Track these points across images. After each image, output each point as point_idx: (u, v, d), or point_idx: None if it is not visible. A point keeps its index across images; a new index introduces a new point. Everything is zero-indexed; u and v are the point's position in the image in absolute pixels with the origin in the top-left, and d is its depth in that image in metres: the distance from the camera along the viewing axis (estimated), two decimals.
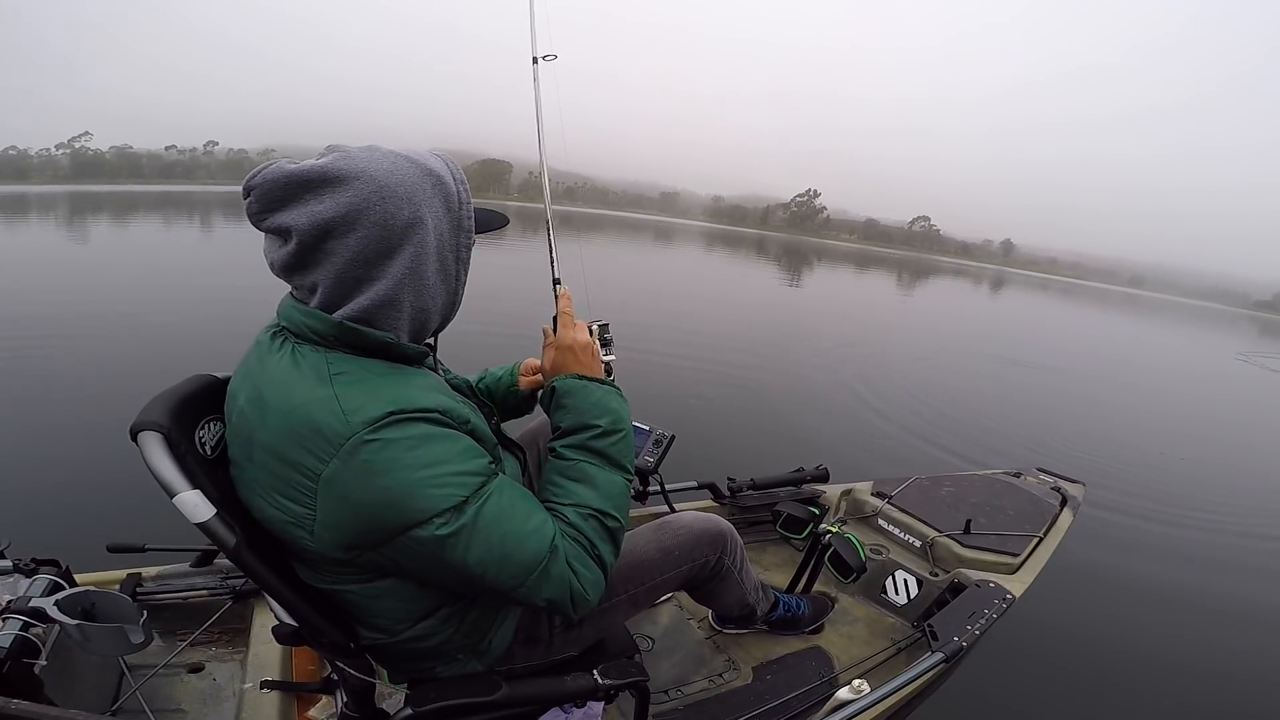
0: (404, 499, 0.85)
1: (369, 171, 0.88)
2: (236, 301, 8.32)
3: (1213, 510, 4.85)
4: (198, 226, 22.99)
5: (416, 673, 1.12)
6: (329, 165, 0.88)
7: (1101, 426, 7.13)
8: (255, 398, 0.91)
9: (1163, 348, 20.21)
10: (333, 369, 0.89)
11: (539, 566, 0.94)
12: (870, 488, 2.72)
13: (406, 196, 0.91)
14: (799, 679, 1.90)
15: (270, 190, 0.88)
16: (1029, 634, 2.68)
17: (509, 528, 0.92)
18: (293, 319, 0.93)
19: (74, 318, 7.28)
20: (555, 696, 1.18)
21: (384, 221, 0.89)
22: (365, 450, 0.84)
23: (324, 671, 1.58)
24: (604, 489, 1.05)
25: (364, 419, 0.85)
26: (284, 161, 0.89)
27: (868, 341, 11.14)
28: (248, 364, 0.98)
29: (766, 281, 21.49)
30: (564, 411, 1.12)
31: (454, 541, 0.88)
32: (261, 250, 0.95)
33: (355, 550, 0.90)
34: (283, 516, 0.89)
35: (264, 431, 0.89)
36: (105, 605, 1.28)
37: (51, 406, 4.50)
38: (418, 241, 0.93)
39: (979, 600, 1.98)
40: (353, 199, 0.87)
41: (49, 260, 12.46)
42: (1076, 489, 2.87)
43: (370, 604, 0.99)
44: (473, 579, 0.92)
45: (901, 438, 5.74)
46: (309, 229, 0.87)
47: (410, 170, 0.92)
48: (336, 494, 0.85)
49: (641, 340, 7.91)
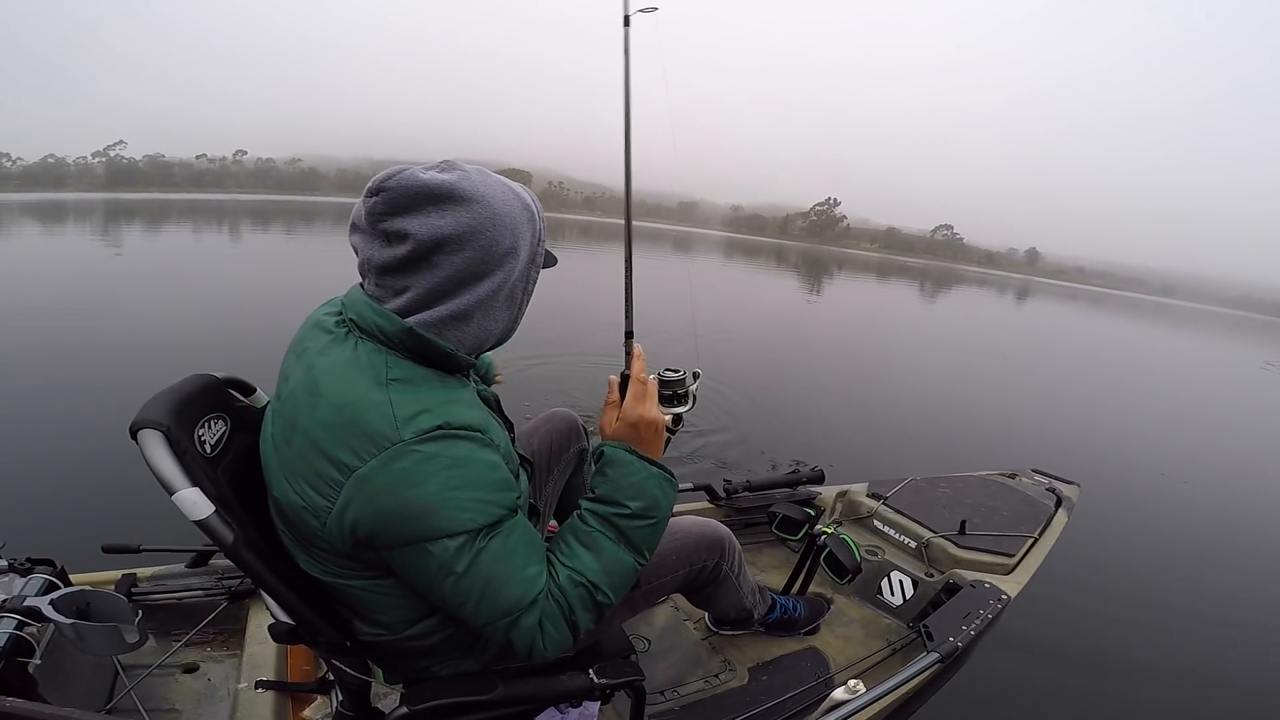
0: (427, 513, 0.87)
1: (487, 197, 0.93)
2: (239, 311, 8.33)
3: (1210, 523, 4.86)
4: (220, 233, 23.15)
5: (413, 671, 1.12)
6: (456, 183, 0.91)
7: (1106, 432, 7.13)
8: (310, 384, 0.93)
9: (1188, 356, 19.76)
10: (390, 373, 0.91)
11: (514, 614, 0.94)
12: (866, 489, 2.72)
13: (511, 227, 0.96)
14: (795, 680, 1.90)
15: (401, 196, 0.90)
16: (1024, 634, 2.69)
17: (503, 569, 0.93)
18: (363, 315, 0.95)
19: (73, 316, 7.27)
20: (551, 696, 1.18)
21: (489, 246, 0.93)
22: (407, 458, 0.86)
23: (319, 671, 1.58)
24: (608, 564, 1.02)
25: (415, 429, 0.87)
26: (416, 170, 0.92)
27: (887, 348, 11.14)
28: (304, 346, 1.00)
29: (781, 290, 21.40)
30: (603, 480, 1.08)
31: (452, 565, 0.90)
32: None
33: (361, 548, 0.91)
34: (300, 502, 0.91)
35: (310, 419, 0.90)
36: (100, 605, 1.28)
37: (48, 406, 4.49)
38: (507, 270, 0.97)
39: (974, 601, 1.98)
40: (470, 220, 0.91)
41: (62, 263, 12.50)
42: (1071, 490, 2.88)
43: (373, 600, 1.00)
44: (449, 603, 0.94)
45: (898, 438, 5.76)
46: (427, 239, 0.90)
47: (515, 202, 0.97)
48: (365, 493, 0.87)
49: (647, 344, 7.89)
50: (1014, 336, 17.26)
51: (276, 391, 1.02)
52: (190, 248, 18.03)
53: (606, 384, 1.16)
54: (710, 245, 52.99)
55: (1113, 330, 26.07)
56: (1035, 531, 2.42)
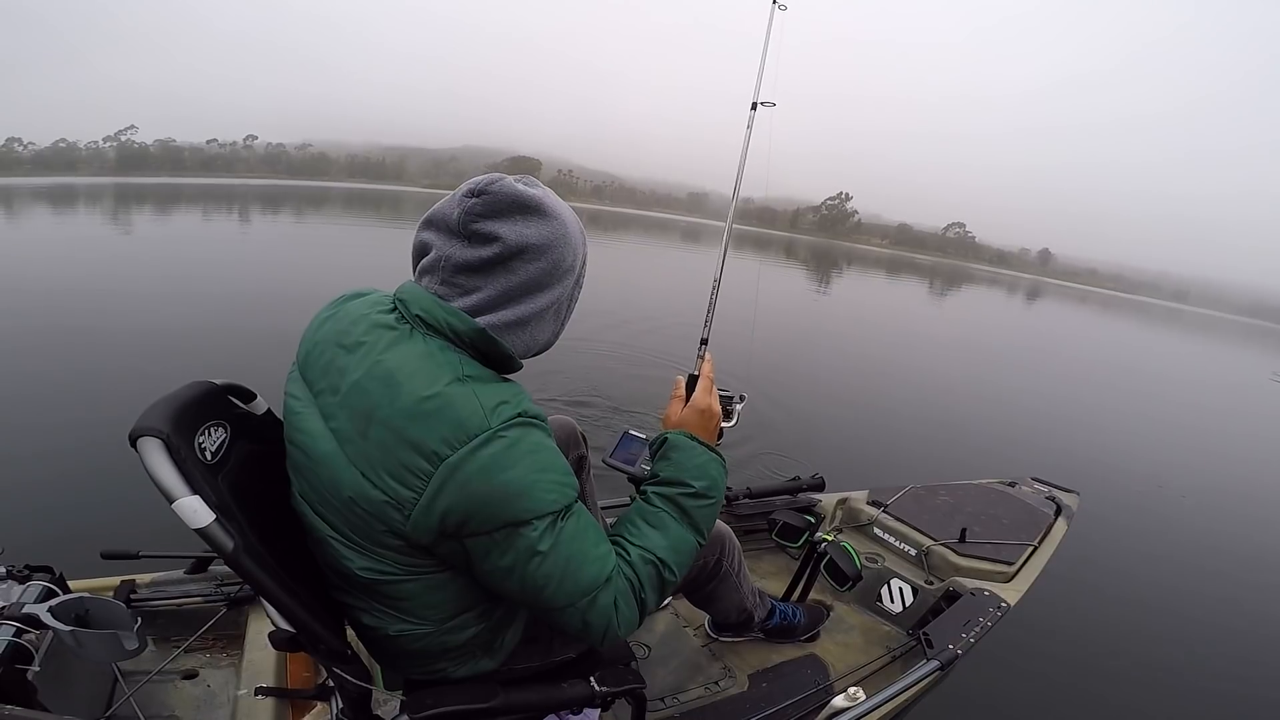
0: (519, 495, 0.90)
1: (563, 215, 1.02)
2: (246, 310, 8.33)
3: (1210, 532, 4.86)
4: (229, 220, 23.25)
5: (428, 673, 1.12)
6: (543, 199, 1.00)
7: (1106, 440, 7.12)
8: (384, 376, 0.94)
9: (1196, 364, 19.71)
10: (465, 370, 0.95)
11: (592, 592, 0.98)
12: (866, 496, 2.72)
13: (575, 246, 1.05)
14: (795, 687, 1.90)
15: (499, 201, 0.97)
16: (1023, 642, 2.68)
17: (580, 548, 0.97)
18: (432, 312, 0.98)
19: (74, 315, 7.27)
20: (552, 703, 1.17)
21: (558, 260, 1.01)
22: (496, 444, 0.89)
23: (319, 678, 1.58)
24: (674, 542, 1.08)
25: (501, 417, 0.91)
26: (512, 180, 1.00)
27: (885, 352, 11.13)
28: (358, 341, 1.00)
29: (786, 285, 21.22)
30: (667, 463, 1.18)
31: (539, 545, 0.92)
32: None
33: (446, 538, 0.93)
34: (380, 496, 0.91)
35: (391, 409, 0.91)
36: (99, 611, 1.28)
37: (46, 412, 4.49)
38: (565, 285, 1.05)
39: (974, 609, 1.98)
40: (550, 233, 1.00)
41: (63, 258, 12.43)
42: (1071, 499, 2.88)
43: (423, 595, 1.01)
44: (529, 588, 0.95)
45: (899, 446, 5.76)
46: (515, 244, 0.97)
47: (576, 225, 1.06)
48: (457, 480, 0.88)
49: (646, 344, 7.92)
50: (1021, 340, 17.28)
51: (309, 390, 1.03)
52: (199, 236, 18.03)
53: (670, 382, 1.33)
54: (719, 237, 52.84)
55: (1121, 335, 25.99)
56: (1035, 540, 2.41)
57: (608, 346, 7.49)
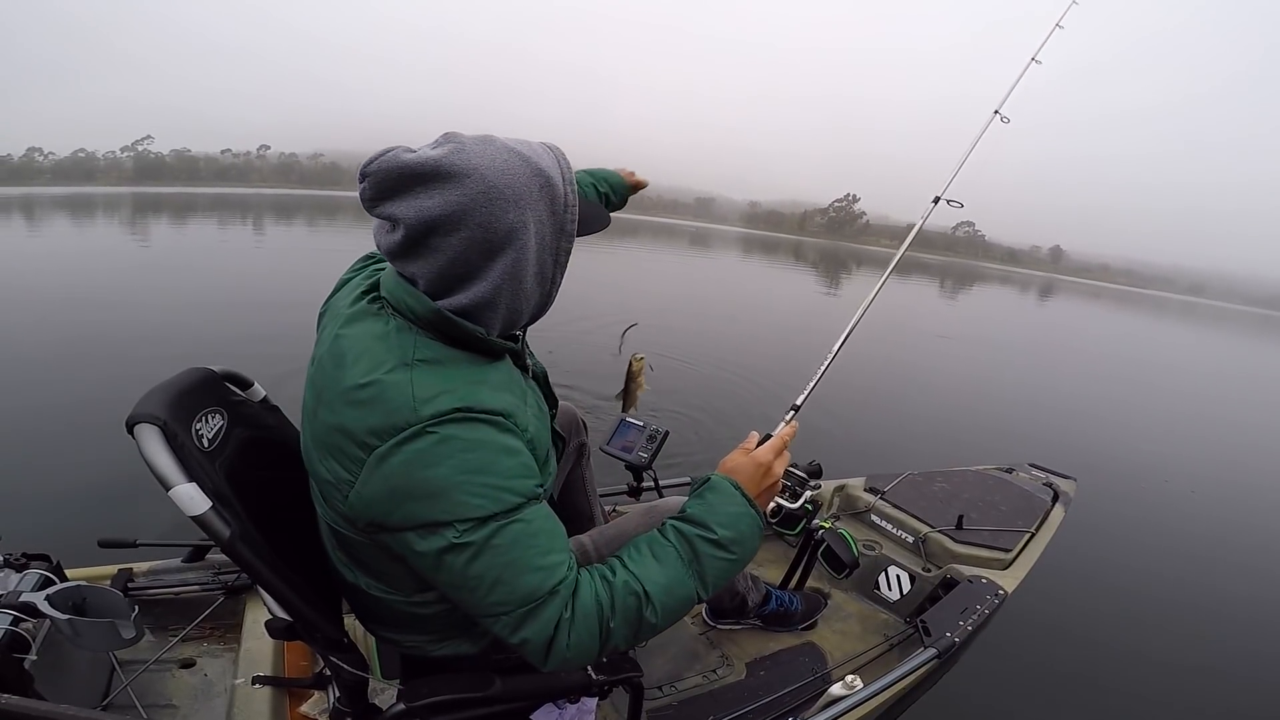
0: (438, 495, 0.85)
1: (480, 170, 0.87)
2: (241, 304, 8.31)
3: (1209, 518, 4.88)
4: (243, 227, 23.36)
5: (410, 647, 1.12)
6: (442, 159, 0.86)
7: (1106, 427, 7.12)
8: (337, 355, 0.92)
9: (1209, 355, 19.50)
10: (417, 354, 0.90)
11: (529, 604, 0.90)
12: (863, 483, 2.73)
13: (513, 199, 0.89)
14: (792, 675, 1.90)
15: (384, 180, 0.88)
16: (1021, 629, 2.69)
17: (516, 556, 0.89)
18: (395, 294, 0.94)
19: (73, 309, 7.25)
20: (549, 692, 1.18)
21: (487, 224, 0.88)
22: (422, 440, 0.85)
23: (316, 667, 1.58)
24: (670, 583, 0.98)
25: (432, 410, 0.86)
26: (400, 150, 0.89)
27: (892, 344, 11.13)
28: (337, 310, 1.00)
29: (791, 285, 21.20)
30: (699, 502, 1.06)
31: (460, 550, 0.87)
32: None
33: (374, 529, 0.91)
34: (327, 476, 0.92)
35: (333, 392, 0.90)
36: (96, 600, 1.28)
37: (43, 401, 4.47)
38: (519, 246, 0.92)
39: (971, 596, 1.99)
40: (460, 198, 0.86)
41: (74, 257, 12.47)
42: (1068, 485, 2.89)
43: (387, 564, 1.00)
44: (456, 590, 0.91)
45: (895, 433, 5.77)
46: (416, 223, 0.87)
47: (520, 170, 0.90)
48: (381, 472, 0.86)
49: (652, 340, 7.89)
50: (1030, 334, 17.15)
51: (313, 356, 1.02)
52: (211, 242, 18.05)
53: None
54: (728, 241, 52.79)
55: (1133, 328, 25.77)
56: (1032, 526, 2.42)
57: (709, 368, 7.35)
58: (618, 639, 0.95)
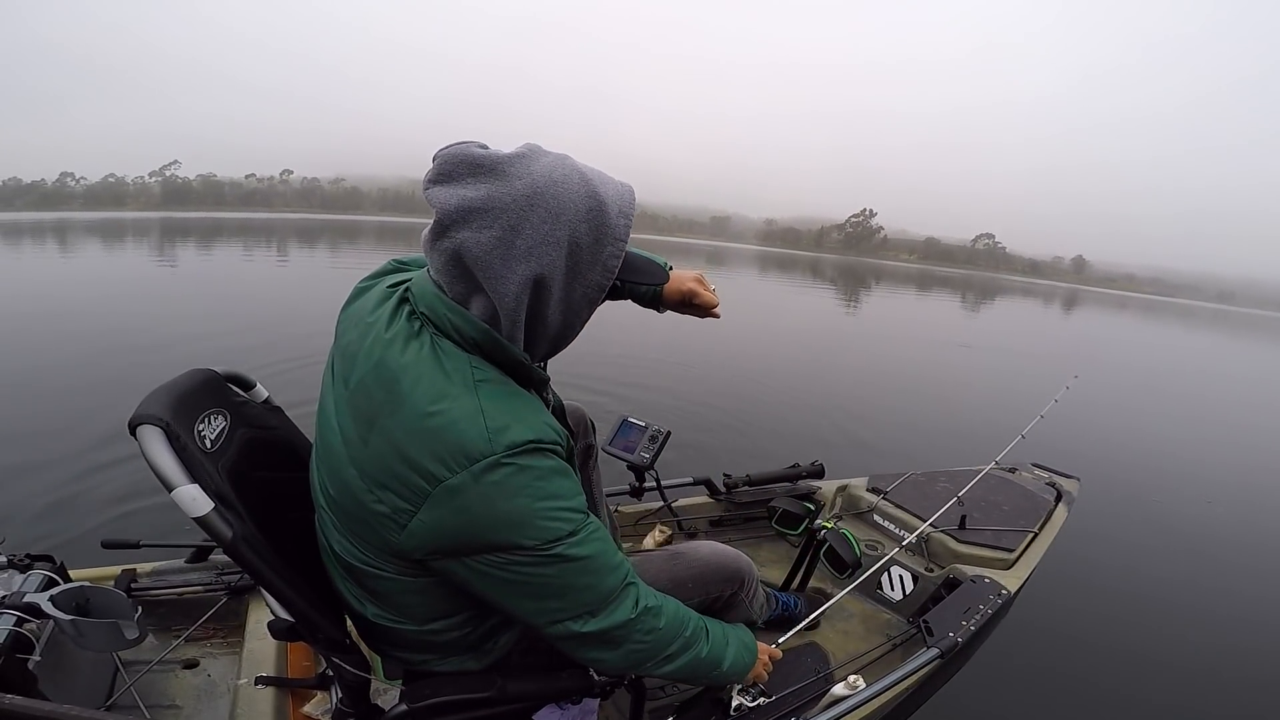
0: (519, 523, 0.87)
1: (531, 173, 0.85)
2: (244, 313, 8.32)
3: (1212, 519, 4.86)
4: (268, 251, 23.64)
5: (415, 664, 1.11)
6: (502, 156, 0.85)
7: (1111, 429, 7.07)
8: (388, 382, 0.88)
9: (1237, 361, 18.91)
10: (476, 375, 0.89)
11: (613, 598, 0.98)
12: (866, 483, 2.72)
13: (554, 211, 0.86)
14: (795, 675, 1.90)
15: (446, 163, 0.86)
16: (1023, 629, 2.69)
17: (600, 561, 0.95)
18: (436, 310, 0.90)
19: (78, 319, 7.28)
20: (550, 693, 1.18)
21: (516, 226, 0.84)
22: (500, 471, 0.85)
23: (319, 667, 1.58)
24: (707, 642, 1.15)
25: (508, 441, 0.85)
26: (475, 144, 0.87)
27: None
28: (365, 324, 0.96)
29: (808, 301, 20.76)
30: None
31: (549, 563, 0.90)
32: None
33: (440, 555, 0.90)
34: (380, 509, 0.88)
35: (392, 421, 0.87)
36: (100, 601, 1.28)
37: (47, 403, 4.49)
38: (547, 262, 0.87)
39: (974, 596, 1.98)
40: (501, 194, 0.84)
41: (93, 281, 12.51)
42: (1071, 484, 2.88)
43: (404, 596, 0.99)
44: (544, 600, 0.94)
45: (897, 432, 5.77)
46: (454, 209, 0.84)
47: (573, 187, 0.87)
48: (456, 504, 0.85)
49: (647, 346, 7.91)
50: (1051, 344, 16.86)
51: (339, 373, 0.97)
52: (237, 265, 18.17)
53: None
54: (745, 260, 52.60)
55: (1154, 336, 25.25)
56: (1035, 526, 2.41)
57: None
58: (672, 643, 1.07)
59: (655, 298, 1.46)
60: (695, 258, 45.49)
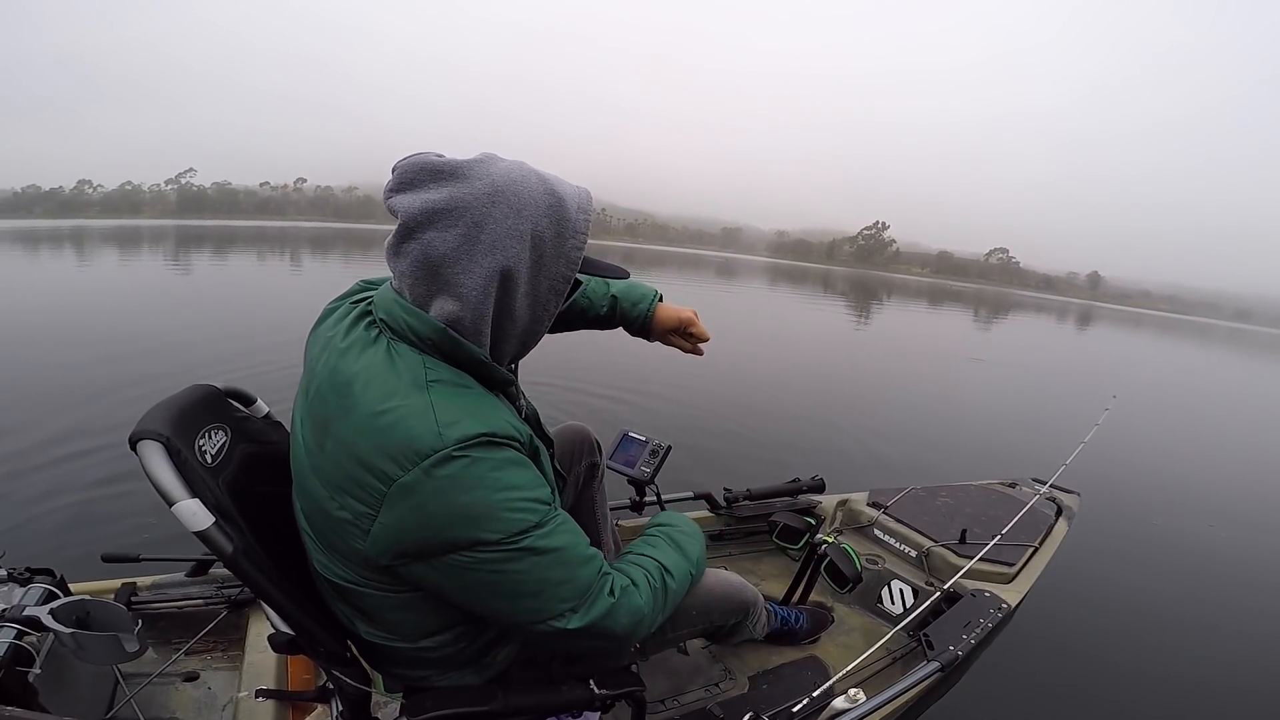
0: (481, 517, 0.86)
1: (491, 174, 0.89)
2: (247, 322, 8.34)
3: (1212, 536, 4.85)
4: (281, 260, 23.82)
5: (413, 680, 1.12)
6: (461, 161, 0.89)
7: (1111, 444, 7.02)
8: (341, 387, 0.90)
9: (1247, 379, 18.54)
10: (429, 375, 0.89)
11: (589, 591, 0.97)
12: (866, 498, 2.72)
13: (515, 207, 0.89)
14: (795, 689, 1.89)
15: (405, 172, 0.88)
16: (1024, 643, 2.68)
17: (570, 553, 0.95)
18: (393, 314, 0.92)
19: (81, 329, 7.30)
20: (551, 706, 1.17)
21: (480, 222, 0.87)
22: (453, 465, 0.84)
23: (319, 680, 1.58)
24: (670, 560, 1.16)
25: (458, 435, 0.85)
26: (432, 153, 0.90)
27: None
28: (326, 339, 0.98)
29: (812, 314, 20.59)
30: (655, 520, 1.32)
31: (519, 556, 0.89)
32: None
33: (406, 558, 0.89)
34: (343, 515, 0.89)
35: (345, 425, 0.87)
36: (100, 614, 1.28)
37: (48, 417, 4.49)
38: (511, 255, 0.90)
39: (974, 610, 1.98)
40: (464, 194, 0.87)
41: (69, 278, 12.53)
42: (1072, 499, 2.88)
43: (391, 613, 0.99)
44: (519, 599, 0.93)
45: (898, 447, 5.76)
46: (418, 211, 0.86)
47: (532, 185, 0.92)
48: (412, 502, 0.84)
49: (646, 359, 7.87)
50: (1064, 359, 16.73)
51: (303, 388, 1.00)
52: (251, 273, 18.28)
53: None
54: (755, 271, 52.60)
55: (1171, 353, 25.01)
56: (1036, 541, 2.41)
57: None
58: (656, 603, 1.08)
59: (646, 325, 1.55)
60: (705, 270, 45.51)
